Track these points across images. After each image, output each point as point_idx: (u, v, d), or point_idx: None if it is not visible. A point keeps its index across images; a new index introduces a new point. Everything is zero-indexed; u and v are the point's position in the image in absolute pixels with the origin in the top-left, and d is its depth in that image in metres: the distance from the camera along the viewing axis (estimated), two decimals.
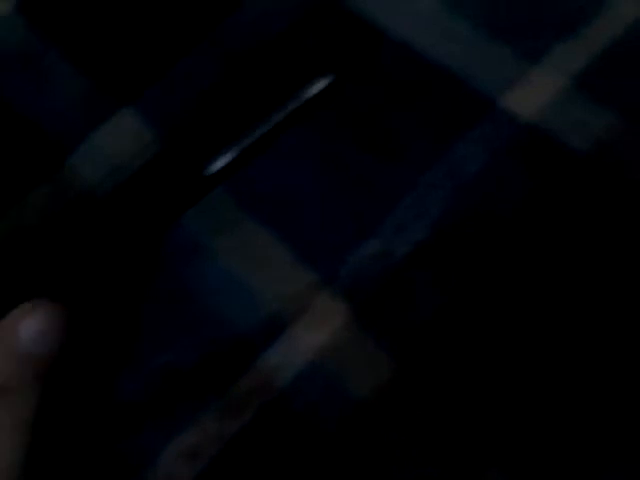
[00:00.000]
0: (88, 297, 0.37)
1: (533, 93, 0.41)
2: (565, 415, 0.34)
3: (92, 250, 0.37)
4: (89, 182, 0.42)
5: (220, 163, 0.38)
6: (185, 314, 0.38)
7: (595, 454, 0.33)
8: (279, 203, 0.40)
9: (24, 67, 0.47)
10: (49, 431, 0.34)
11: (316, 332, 0.37)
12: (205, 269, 0.39)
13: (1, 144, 0.44)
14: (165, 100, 0.43)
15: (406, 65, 0.43)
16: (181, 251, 0.40)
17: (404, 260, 0.38)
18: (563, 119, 0.40)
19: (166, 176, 0.38)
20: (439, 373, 0.35)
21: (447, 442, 0.34)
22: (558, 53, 0.43)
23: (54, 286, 0.35)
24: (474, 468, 0.33)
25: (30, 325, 0.30)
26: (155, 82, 0.43)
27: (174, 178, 0.38)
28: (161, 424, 0.36)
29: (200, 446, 0.35)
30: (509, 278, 0.37)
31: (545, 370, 0.35)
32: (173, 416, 0.36)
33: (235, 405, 0.36)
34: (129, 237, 0.38)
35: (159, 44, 0.45)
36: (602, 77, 0.42)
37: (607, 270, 0.37)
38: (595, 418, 0.34)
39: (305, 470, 0.34)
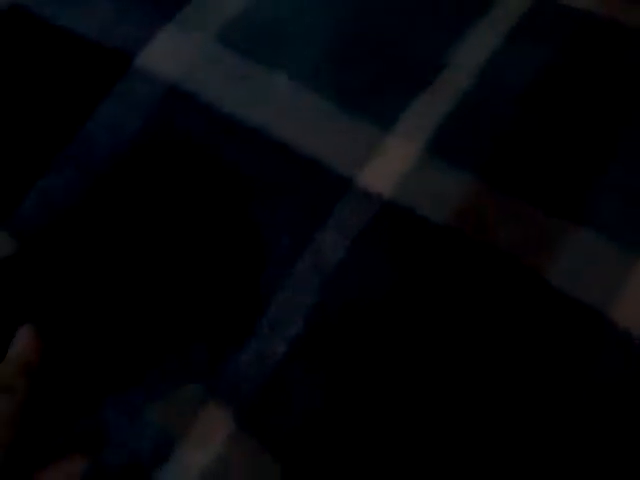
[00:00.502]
0: None
1: (388, 165, 0.42)
2: None
3: None
4: None
5: None
6: (71, 431, 0.39)
7: None
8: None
9: None
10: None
11: (204, 447, 0.37)
12: None
13: None
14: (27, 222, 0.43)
15: (260, 155, 0.43)
16: None
17: (282, 359, 0.39)
18: (420, 191, 0.41)
19: None
20: (322, 474, 0.36)
21: None
22: (408, 116, 0.43)
23: None
24: None
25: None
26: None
27: None
28: None
29: None
30: (382, 368, 0.38)
31: (434, 461, 0.36)
32: None
33: None
34: None
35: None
36: (454, 136, 0.42)
37: (480, 340, 0.38)
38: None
39: None
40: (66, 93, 0.47)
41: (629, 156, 0.41)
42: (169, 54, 0.47)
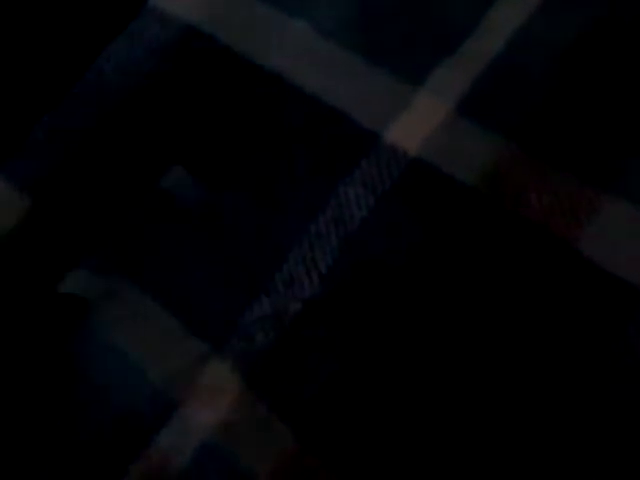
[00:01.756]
0: None
1: (416, 123, 0.40)
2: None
3: None
4: None
5: None
6: (72, 396, 0.36)
7: None
8: (164, 269, 0.38)
9: None
10: None
11: (208, 409, 0.35)
12: (92, 346, 0.37)
13: None
14: (32, 164, 0.40)
15: (280, 102, 0.41)
16: (66, 327, 0.38)
17: (295, 320, 0.36)
18: (449, 150, 0.39)
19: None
20: (337, 444, 0.34)
21: None
22: (439, 75, 0.41)
23: None
24: None
25: None
26: (19, 147, 0.40)
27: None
28: None
29: None
30: (403, 334, 0.35)
31: (451, 429, 0.34)
32: None
33: None
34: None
35: (16, 107, 0.42)
36: (486, 98, 0.40)
37: (505, 310, 0.36)
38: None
39: None
40: (77, 30, 0.44)
41: None
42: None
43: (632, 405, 0.33)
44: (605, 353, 0.34)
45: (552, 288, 0.36)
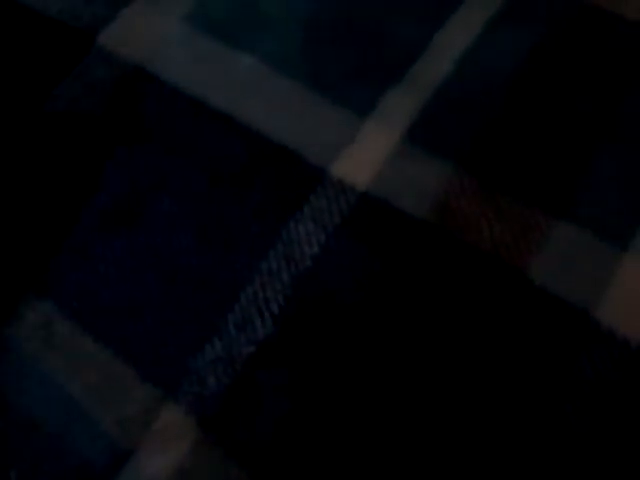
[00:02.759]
0: None
1: (364, 155, 0.39)
2: None
3: None
4: None
5: None
6: (26, 446, 0.36)
7: None
8: (116, 315, 0.37)
9: None
10: None
11: (163, 455, 0.34)
12: (45, 394, 0.37)
13: None
14: None
15: (227, 139, 0.40)
16: (17, 377, 0.37)
17: (248, 363, 0.36)
18: (398, 182, 0.38)
19: None
20: None
21: None
22: (387, 103, 0.40)
23: None
24: None
25: None
26: None
27: None
28: None
29: None
30: (357, 373, 0.35)
31: (400, 459, 0.33)
32: None
33: None
34: None
35: None
36: (435, 125, 0.40)
37: (459, 342, 0.35)
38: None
39: None
40: (24, 71, 0.44)
41: (616, 148, 0.39)
42: (132, 34, 0.44)
43: (586, 434, 0.33)
44: (560, 378, 0.34)
45: (505, 318, 0.35)
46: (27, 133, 0.42)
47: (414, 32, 0.43)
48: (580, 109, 0.39)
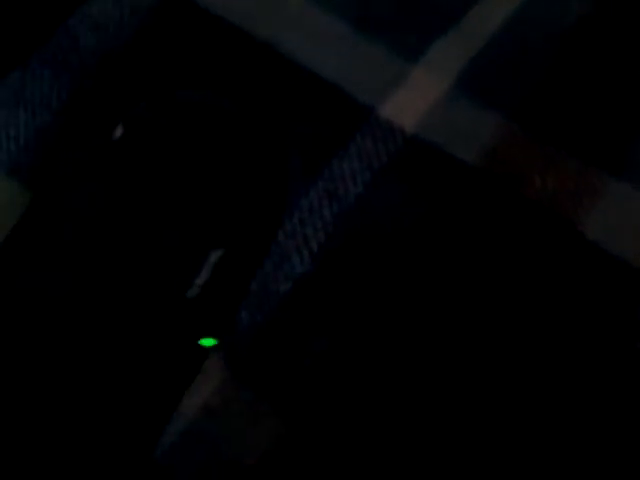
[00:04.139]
0: None
1: (413, 99, 0.37)
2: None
3: None
4: None
5: None
6: None
7: None
8: None
9: None
10: None
11: (188, 398, 0.32)
12: None
13: None
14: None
15: (270, 72, 0.38)
16: None
17: (285, 299, 0.33)
18: (448, 127, 0.36)
19: None
20: (326, 427, 0.31)
21: None
22: (437, 50, 0.38)
23: None
24: None
25: None
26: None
27: None
28: None
29: None
30: (397, 316, 0.33)
31: (441, 410, 0.31)
32: None
33: None
34: None
35: None
36: (485, 77, 0.38)
37: (504, 286, 0.33)
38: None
39: None
40: None
41: None
42: None
43: None
44: (611, 346, 0.32)
45: (556, 271, 0.34)
46: None
47: None
48: (636, 67, 0.38)
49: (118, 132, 0.31)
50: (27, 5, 0.40)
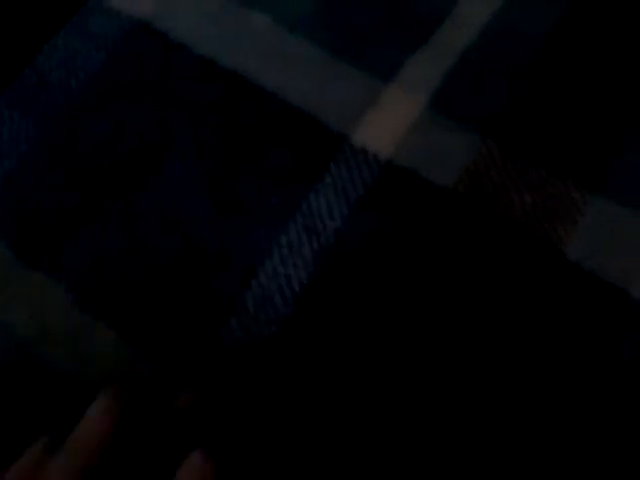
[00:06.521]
0: None
1: (388, 122, 0.36)
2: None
3: None
4: None
5: None
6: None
7: None
8: (117, 296, 0.34)
9: None
10: None
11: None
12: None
13: None
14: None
15: (241, 102, 0.36)
16: None
17: (269, 342, 0.32)
18: (424, 149, 0.35)
19: None
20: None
21: None
22: (410, 69, 0.37)
23: None
24: None
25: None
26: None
27: None
28: None
29: None
30: (382, 353, 0.32)
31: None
32: None
33: None
34: None
35: None
36: (460, 92, 0.36)
37: (486, 310, 0.32)
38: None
39: None
40: (13, 25, 0.39)
41: None
42: None
43: (627, 421, 0.30)
44: (593, 365, 0.31)
45: (537, 292, 0.33)
46: None
47: None
48: (613, 79, 0.36)
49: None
50: None
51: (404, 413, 0.31)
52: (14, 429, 0.31)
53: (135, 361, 0.32)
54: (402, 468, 0.30)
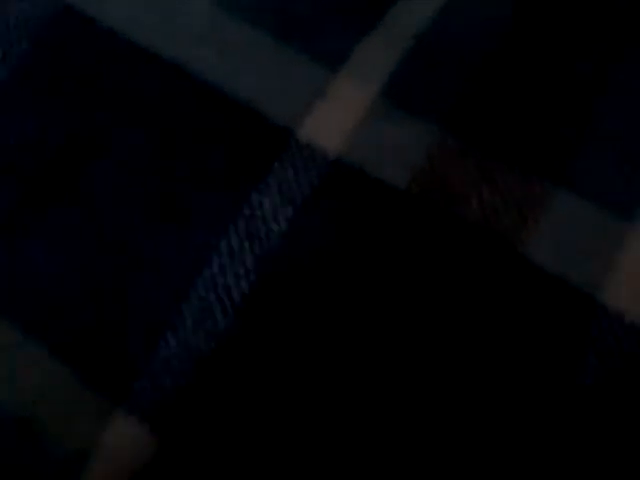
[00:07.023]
0: None
1: (337, 114, 0.33)
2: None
3: None
4: None
5: None
6: None
7: None
8: (50, 308, 0.31)
9: None
10: None
11: (117, 472, 0.29)
12: None
13: None
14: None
15: (178, 95, 0.33)
16: None
17: (209, 357, 0.30)
18: (375, 145, 0.32)
19: None
20: None
21: None
22: (361, 54, 0.34)
23: None
24: None
25: None
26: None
27: None
28: None
29: None
30: (331, 367, 0.29)
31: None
32: None
33: None
34: None
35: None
36: (415, 80, 0.33)
37: (444, 316, 0.30)
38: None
39: None
40: None
41: (617, 106, 0.33)
42: None
43: (591, 433, 0.28)
44: (559, 376, 0.29)
45: (498, 298, 0.30)
46: None
47: None
48: (577, 64, 0.33)
49: None
50: None
51: (351, 426, 0.28)
52: None
53: (67, 379, 0.30)
54: None
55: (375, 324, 0.30)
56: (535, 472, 0.28)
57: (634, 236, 0.31)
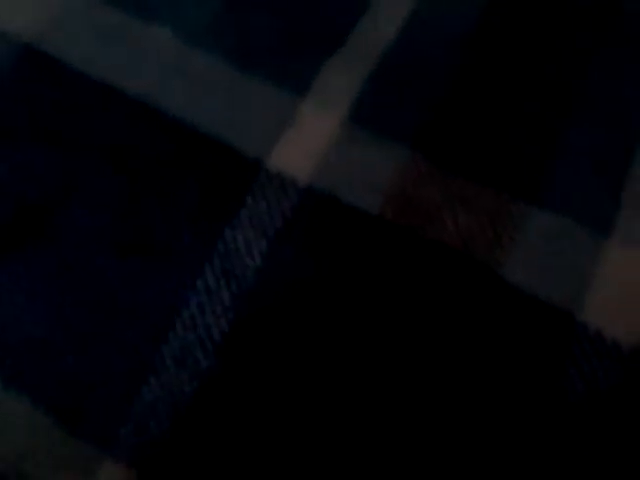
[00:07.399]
0: None
1: (305, 141, 0.32)
2: None
3: None
4: None
5: None
6: None
7: None
8: (27, 355, 0.31)
9: None
10: None
11: None
12: None
13: None
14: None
15: (147, 134, 0.33)
16: None
17: (192, 398, 0.30)
18: (345, 170, 0.32)
19: None
20: None
21: None
22: (326, 78, 0.33)
23: None
24: None
25: None
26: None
27: None
28: None
29: None
30: (314, 404, 0.29)
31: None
32: None
33: None
34: None
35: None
36: (382, 100, 0.33)
37: (421, 343, 0.30)
38: None
39: None
40: None
41: (586, 119, 0.33)
42: (21, 7, 0.36)
43: (574, 454, 0.28)
44: (542, 396, 0.29)
45: (477, 322, 0.30)
46: None
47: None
48: (544, 76, 0.33)
49: None
50: None
51: (335, 463, 0.28)
52: None
53: (51, 430, 0.30)
54: None
55: (355, 355, 0.30)
56: None
57: (610, 249, 0.30)
